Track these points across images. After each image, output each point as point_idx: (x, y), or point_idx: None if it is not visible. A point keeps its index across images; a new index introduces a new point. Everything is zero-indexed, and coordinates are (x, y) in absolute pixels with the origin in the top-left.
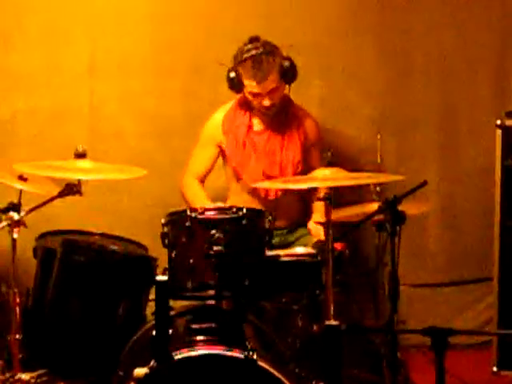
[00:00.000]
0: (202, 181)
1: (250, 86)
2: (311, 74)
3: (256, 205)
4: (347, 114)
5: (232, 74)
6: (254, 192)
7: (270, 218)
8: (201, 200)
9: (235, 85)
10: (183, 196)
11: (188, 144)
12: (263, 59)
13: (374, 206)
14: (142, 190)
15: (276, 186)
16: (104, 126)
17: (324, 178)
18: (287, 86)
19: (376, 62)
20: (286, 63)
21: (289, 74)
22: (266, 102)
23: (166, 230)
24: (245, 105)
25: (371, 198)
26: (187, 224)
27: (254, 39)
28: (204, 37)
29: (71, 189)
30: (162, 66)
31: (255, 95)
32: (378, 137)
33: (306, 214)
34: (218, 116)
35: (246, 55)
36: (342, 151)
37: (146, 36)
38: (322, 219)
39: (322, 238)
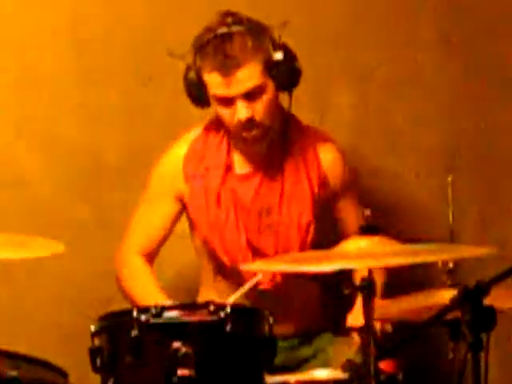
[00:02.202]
0: (151, 258)
1: (214, 84)
2: (334, 80)
3: (247, 299)
4: (395, 145)
5: (191, 74)
6: (241, 278)
7: (271, 320)
8: (150, 291)
9: (199, 93)
10: (118, 283)
11: (128, 198)
12: (233, 39)
13: (445, 296)
14: (56, 275)
15: (276, 267)
16: None
17: (359, 253)
18: (286, 99)
19: (440, 59)
20: (278, 55)
21: (282, 71)
22: (242, 113)
23: (98, 343)
24: (220, 132)
25: (439, 281)
26: (134, 333)
27: (226, 14)
28: (156, 17)
29: None
30: (83, 65)
31: (223, 102)
32: (449, 179)
33: (329, 312)
34: (178, 152)
35: (207, 36)
36: (389, 207)
37: (60, 11)
38: (358, 320)
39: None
